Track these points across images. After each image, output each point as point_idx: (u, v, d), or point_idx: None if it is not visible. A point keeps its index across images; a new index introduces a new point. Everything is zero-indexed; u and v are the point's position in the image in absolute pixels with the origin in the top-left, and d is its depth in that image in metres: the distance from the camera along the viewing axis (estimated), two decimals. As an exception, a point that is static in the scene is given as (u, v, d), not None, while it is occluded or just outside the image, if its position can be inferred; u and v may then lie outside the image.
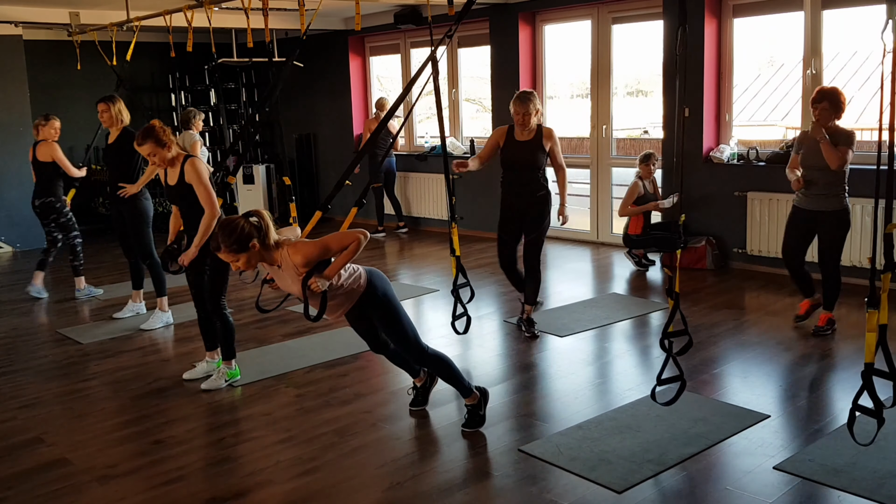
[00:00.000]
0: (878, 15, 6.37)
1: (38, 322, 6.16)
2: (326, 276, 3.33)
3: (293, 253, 3.32)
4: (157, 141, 4.33)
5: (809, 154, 5.02)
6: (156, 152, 4.34)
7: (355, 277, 3.55)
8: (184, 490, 3.36)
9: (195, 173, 4.37)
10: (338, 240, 3.35)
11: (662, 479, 3.30)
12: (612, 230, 8.31)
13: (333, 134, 10.70)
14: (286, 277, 3.42)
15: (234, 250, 3.27)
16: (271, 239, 3.34)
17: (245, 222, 3.28)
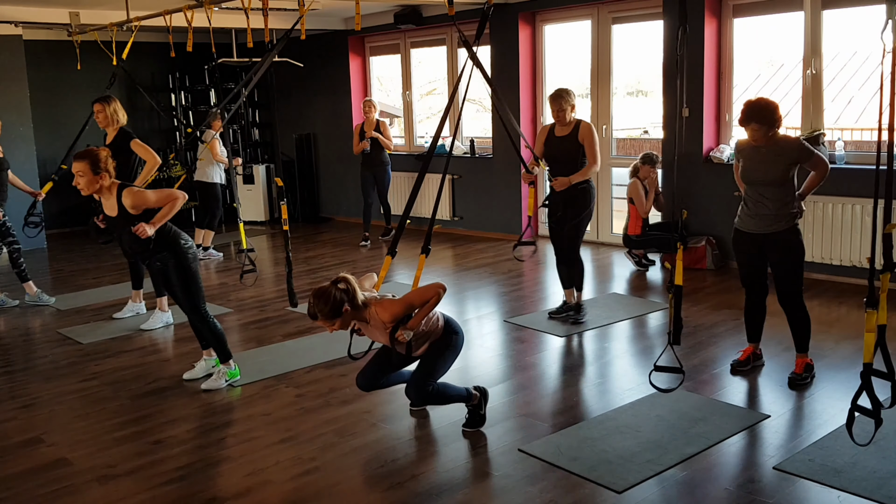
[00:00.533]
0: (878, 15, 6.37)
1: (38, 322, 6.16)
2: (411, 327, 3.63)
3: (380, 311, 3.60)
4: (94, 165, 4.22)
5: (751, 167, 4.23)
6: (85, 174, 4.21)
7: (432, 321, 3.81)
8: (184, 490, 3.36)
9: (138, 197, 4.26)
10: (419, 296, 3.64)
11: (663, 479, 3.30)
12: (612, 230, 8.31)
13: (333, 134, 10.69)
14: (374, 331, 3.72)
15: (329, 317, 3.52)
16: (359, 300, 3.59)
17: (335, 290, 3.53)
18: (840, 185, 6.32)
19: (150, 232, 4.18)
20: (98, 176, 4.23)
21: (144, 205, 4.23)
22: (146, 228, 4.17)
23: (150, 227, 4.18)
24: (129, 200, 4.20)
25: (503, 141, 8.73)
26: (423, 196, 9.60)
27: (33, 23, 8.19)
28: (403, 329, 3.60)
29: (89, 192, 4.27)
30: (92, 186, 4.24)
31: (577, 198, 5.37)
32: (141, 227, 4.17)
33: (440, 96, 11.01)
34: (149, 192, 4.27)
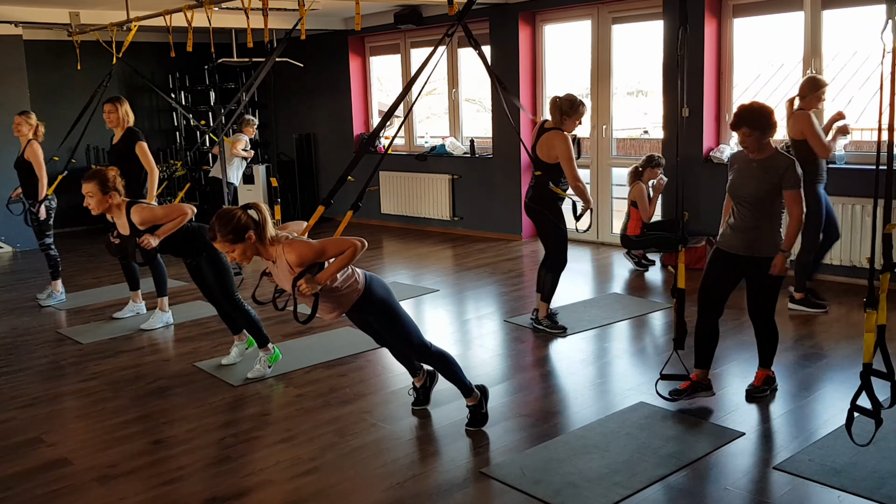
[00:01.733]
0: (878, 15, 6.37)
1: (38, 322, 6.16)
2: (318, 279, 3.33)
3: (288, 251, 3.32)
4: (102, 186, 4.35)
5: (740, 182, 3.94)
6: (94, 194, 4.35)
7: (351, 282, 3.53)
8: (184, 490, 3.36)
9: (146, 213, 4.42)
10: (335, 244, 3.35)
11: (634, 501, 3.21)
12: (612, 230, 8.31)
13: (333, 134, 10.70)
14: (281, 274, 3.44)
15: (229, 240, 3.30)
16: (268, 233, 3.35)
17: (243, 214, 3.32)
18: (840, 185, 6.31)
19: (155, 243, 4.37)
20: (107, 196, 4.37)
21: (153, 220, 4.41)
22: (150, 240, 4.36)
23: (155, 239, 4.38)
24: (138, 217, 4.37)
25: (503, 141, 8.74)
26: (423, 196, 9.60)
27: (33, 23, 8.19)
28: (309, 279, 3.29)
29: (99, 211, 4.41)
30: (102, 206, 4.39)
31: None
32: (145, 240, 4.36)
33: (440, 96, 11.01)
34: (157, 208, 4.44)
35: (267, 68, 5.23)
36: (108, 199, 4.37)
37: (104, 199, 4.36)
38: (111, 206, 4.41)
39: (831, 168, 6.43)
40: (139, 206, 4.43)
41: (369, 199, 10.26)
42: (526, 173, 8.70)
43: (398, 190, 9.78)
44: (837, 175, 6.36)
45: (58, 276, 6.64)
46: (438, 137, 9.78)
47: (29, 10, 7.92)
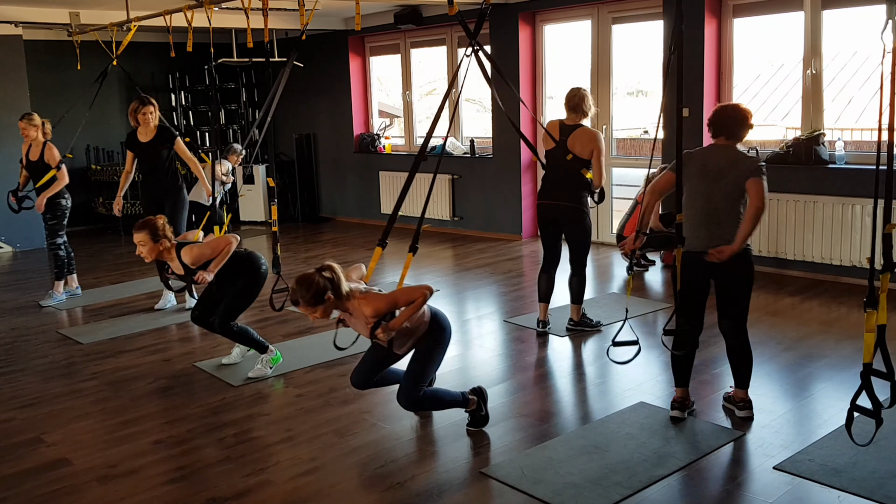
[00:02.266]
0: (878, 15, 6.37)
1: (38, 322, 6.16)
2: (392, 327, 3.57)
3: (364, 305, 3.55)
4: (153, 234, 4.47)
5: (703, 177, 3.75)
6: (146, 243, 4.46)
7: (419, 318, 3.72)
8: (184, 490, 3.36)
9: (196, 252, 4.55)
10: (405, 295, 3.59)
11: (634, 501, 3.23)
12: (611, 230, 8.31)
13: (333, 134, 10.70)
14: (357, 323, 3.66)
15: (311, 304, 3.49)
16: (343, 291, 3.53)
17: (319, 277, 3.49)
18: (840, 185, 6.32)
19: (209, 278, 4.55)
20: (158, 243, 4.49)
21: (203, 258, 4.55)
22: (205, 276, 4.54)
23: (209, 275, 4.54)
24: (189, 258, 4.53)
25: (503, 141, 8.74)
26: (421, 196, 9.61)
27: (33, 23, 8.19)
28: (384, 327, 3.55)
29: (152, 259, 4.54)
30: (153, 253, 4.51)
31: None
32: (201, 276, 4.54)
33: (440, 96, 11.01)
34: (204, 246, 4.58)
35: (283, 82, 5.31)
36: (160, 246, 4.50)
37: (155, 248, 4.49)
38: (163, 251, 4.53)
39: (832, 168, 6.45)
40: (188, 247, 4.56)
41: (370, 199, 10.26)
42: (526, 173, 8.71)
43: (398, 190, 9.78)
44: (837, 175, 6.36)
45: (62, 276, 6.64)
46: (438, 137, 9.77)
47: (29, 10, 7.92)
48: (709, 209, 3.73)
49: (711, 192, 3.72)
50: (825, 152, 6.48)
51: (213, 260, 4.58)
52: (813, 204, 6.39)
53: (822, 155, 6.44)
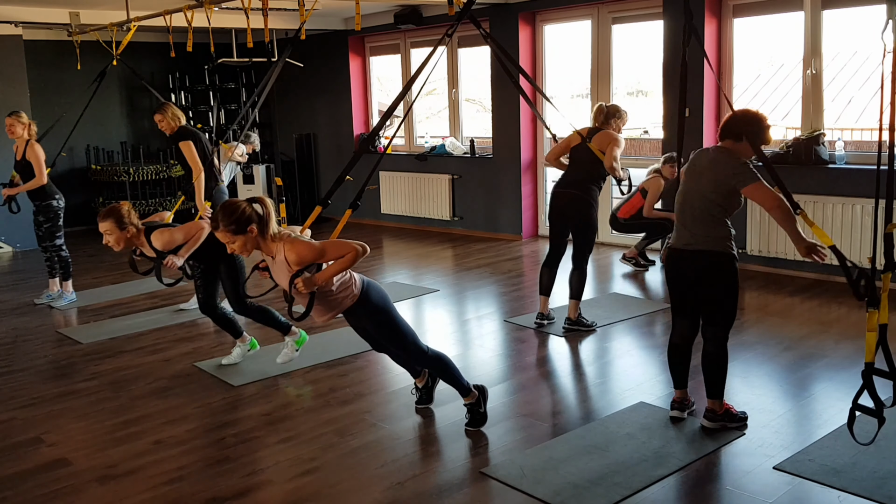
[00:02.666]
0: (878, 15, 6.37)
1: (38, 322, 6.16)
2: (315, 280, 3.37)
3: (289, 249, 3.37)
4: (119, 222, 4.41)
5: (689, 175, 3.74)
6: (112, 231, 4.41)
7: (348, 286, 3.55)
8: (184, 490, 3.36)
9: (166, 236, 4.50)
10: (336, 247, 3.39)
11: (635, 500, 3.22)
12: (611, 230, 8.30)
13: (333, 134, 10.70)
14: (278, 270, 3.48)
15: (231, 231, 3.36)
16: (270, 229, 3.39)
17: (248, 206, 3.37)
18: (840, 185, 6.32)
19: (179, 263, 4.50)
20: (125, 231, 4.44)
21: (174, 243, 4.51)
22: (175, 261, 4.50)
23: (179, 259, 4.51)
24: (159, 243, 4.48)
25: (503, 141, 8.74)
26: (423, 196, 9.61)
27: (33, 23, 8.19)
28: (306, 278, 3.34)
29: (121, 247, 4.48)
30: (122, 242, 4.46)
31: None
32: (170, 261, 4.49)
33: (440, 96, 11.01)
34: (175, 230, 4.53)
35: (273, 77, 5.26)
36: (127, 233, 4.46)
37: (122, 235, 4.44)
38: (132, 238, 4.51)
39: (832, 168, 6.45)
40: (159, 231, 4.51)
41: (369, 199, 10.26)
42: (526, 173, 8.71)
43: (398, 190, 9.78)
44: (837, 175, 6.36)
45: (69, 276, 6.63)
46: (438, 137, 9.78)
47: (29, 10, 7.92)
48: (685, 207, 3.71)
49: (690, 191, 3.70)
50: (825, 152, 6.48)
51: (184, 245, 4.53)
52: (813, 204, 6.39)
53: (822, 155, 6.44)
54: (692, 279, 3.70)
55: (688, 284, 3.74)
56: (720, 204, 3.60)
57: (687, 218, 3.68)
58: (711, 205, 3.60)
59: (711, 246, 3.60)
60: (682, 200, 3.73)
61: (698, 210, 3.64)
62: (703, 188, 3.64)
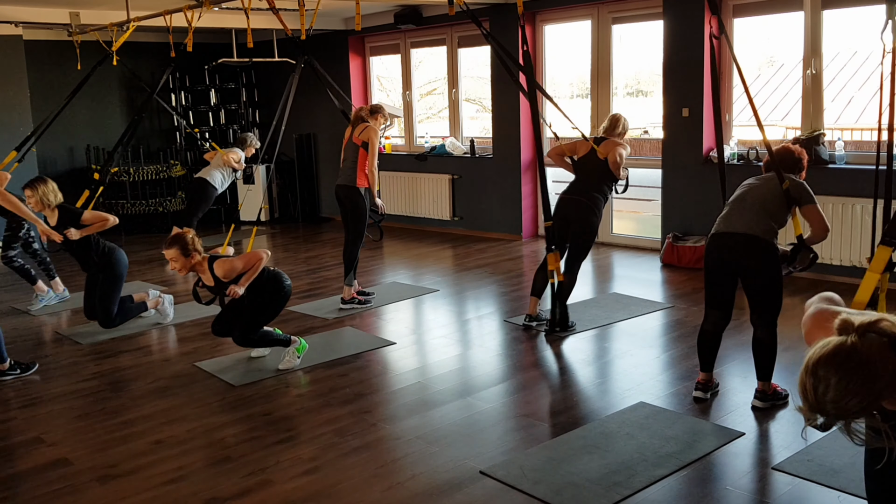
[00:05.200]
0: (878, 15, 6.37)
1: (38, 322, 6.16)
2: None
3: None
4: (184, 250, 4.58)
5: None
6: (178, 259, 4.58)
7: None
8: (184, 490, 3.36)
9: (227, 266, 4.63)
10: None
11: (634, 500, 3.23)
12: (612, 230, 8.31)
13: (333, 134, 10.69)
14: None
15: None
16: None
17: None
18: (840, 185, 6.32)
19: (241, 292, 4.63)
20: (189, 258, 4.59)
21: (234, 272, 4.64)
22: (237, 290, 4.62)
23: (240, 288, 4.63)
24: (221, 272, 4.63)
25: (503, 141, 8.74)
26: (423, 196, 9.61)
27: (33, 23, 8.18)
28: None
29: (185, 273, 4.66)
30: (187, 268, 4.62)
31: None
32: (232, 290, 4.62)
33: (440, 96, 11.01)
34: (236, 260, 4.68)
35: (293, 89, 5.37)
36: (191, 260, 4.58)
37: (187, 262, 4.58)
38: (195, 265, 4.62)
39: (832, 168, 6.45)
40: (220, 261, 4.64)
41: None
42: (526, 173, 8.71)
43: (398, 190, 9.78)
44: (837, 175, 6.36)
45: (53, 275, 6.63)
46: (438, 137, 9.78)
47: (29, 10, 7.91)
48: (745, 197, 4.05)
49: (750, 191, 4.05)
50: (825, 152, 6.48)
51: (245, 274, 4.65)
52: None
53: (822, 155, 6.44)
54: (735, 266, 3.95)
55: (728, 273, 3.99)
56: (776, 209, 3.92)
57: (745, 206, 3.93)
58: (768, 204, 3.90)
59: (762, 234, 3.86)
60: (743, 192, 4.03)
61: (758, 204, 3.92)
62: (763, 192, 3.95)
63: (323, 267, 7.79)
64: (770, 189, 3.96)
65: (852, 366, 1.57)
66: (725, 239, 3.95)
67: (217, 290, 4.74)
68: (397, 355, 5.08)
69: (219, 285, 4.68)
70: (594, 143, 5.33)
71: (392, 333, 5.54)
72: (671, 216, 7.46)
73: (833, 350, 1.61)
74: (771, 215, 3.92)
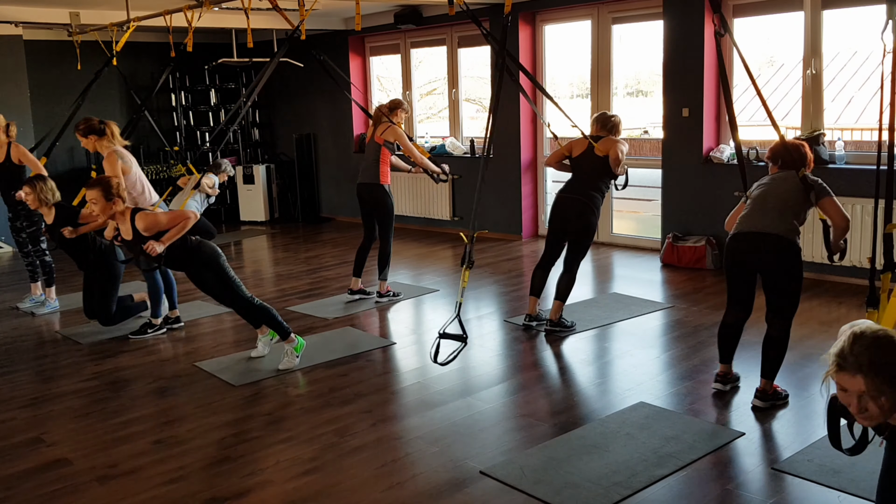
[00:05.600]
0: (878, 15, 6.37)
1: (38, 322, 6.16)
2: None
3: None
4: (106, 192, 4.50)
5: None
6: (98, 201, 4.49)
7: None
8: (184, 490, 3.36)
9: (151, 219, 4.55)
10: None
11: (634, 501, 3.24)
12: (612, 230, 8.31)
13: (333, 134, 10.70)
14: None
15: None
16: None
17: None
18: (840, 185, 6.31)
19: (160, 249, 4.49)
20: (111, 202, 4.51)
21: (157, 227, 4.53)
22: (155, 246, 4.49)
23: (160, 245, 4.50)
24: (142, 224, 4.51)
25: (503, 141, 8.73)
26: (423, 196, 9.61)
27: (33, 23, 8.18)
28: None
29: (104, 217, 4.57)
30: (106, 212, 4.53)
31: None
32: (150, 245, 4.49)
33: (440, 96, 11.01)
34: (160, 215, 4.57)
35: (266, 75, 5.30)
36: (112, 206, 4.50)
37: (108, 206, 4.50)
38: (115, 213, 4.54)
39: (832, 168, 6.44)
40: (144, 212, 4.55)
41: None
42: (526, 173, 8.71)
43: (398, 190, 9.77)
44: (837, 175, 6.36)
45: (52, 282, 6.55)
46: (438, 137, 9.78)
47: (29, 10, 7.91)
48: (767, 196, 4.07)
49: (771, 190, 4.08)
50: (825, 152, 6.48)
51: (167, 232, 4.53)
52: (813, 204, 6.38)
53: (822, 155, 6.44)
54: (757, 265, 3.98)
55: (750, 271, 4.03)
56: (798, 207, 3.96)
57: (767, 206, 3.97)
58: (790, 202, 3.96)
59: (785, 233, 3.89)
60: (763, 191, 4.06)
61: (780, 203, 3.96)
62: (783, 190, 3.99)
63: (323, 267, 7.79)
64: (790, 187, 3.99)
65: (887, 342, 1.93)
66: (749, 238, 3.99)
67: (134, 246, 4.59)
68: (397, 355, 5.08)
69: (136, 239, 4.53)
70: (592, 141, 5.32)
71: (392, 333, 5.54)
72: (671, 216, 7.46)
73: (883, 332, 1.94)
74: (794, 214, 3.97)
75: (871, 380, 1.91)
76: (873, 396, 1.94)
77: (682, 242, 7.21)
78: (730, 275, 4.13)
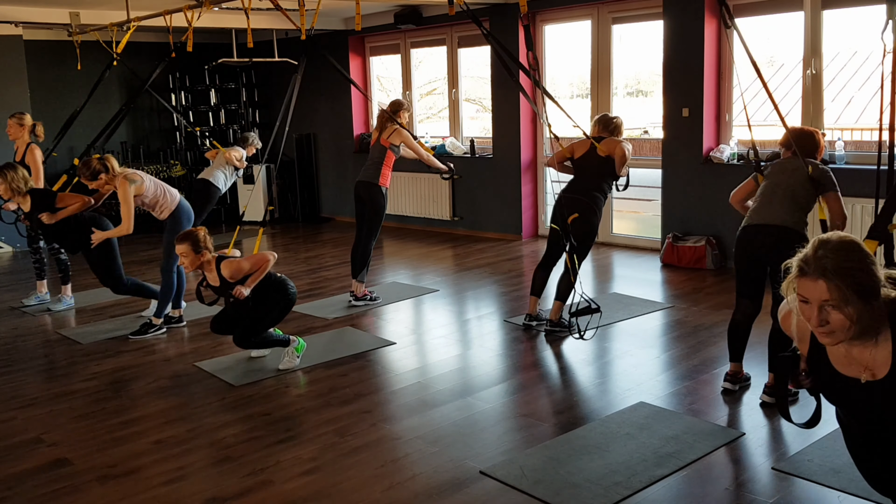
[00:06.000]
0: (878, 15, 6.37)
1: (38, 322, 6.16)
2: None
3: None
4: (195, 246, 4.61)
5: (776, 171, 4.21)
6: (188, 254, 4.60)
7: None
8: (184, 490, 3.36)
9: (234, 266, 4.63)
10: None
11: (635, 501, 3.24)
12: (612, 230, 8.31)
13: (333, 134, 10.70)
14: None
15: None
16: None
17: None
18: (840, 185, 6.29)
19: (246, 293, 4.64)
20: (199, 255, 4.62)
21: (241, 273, 4.66)
22: (243, 291, 4.63)
23: (246, 289, 4.65)
24: (227, 272, 4.64)
25: (503, 141, 8.74)
26: (422, 196, 9.61)
27: (33, 23, 8.19)
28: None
29: (193, 269, 4.68)
30: (195, 265, 4.65)
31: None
32: (238, 291, 4.62)
33: (440, 96, 11.01)
34: (243, 261, 4.69)
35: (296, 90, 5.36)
36: (201, 258, 4.61)
37: (197, 258, 4.61)
38: (203, 262, 4.65)
39: (832, 168, 6.43)
40: (227, 261, 4.67)
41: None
42: (526, 173, 8.71)
43: (398, 190, 9.78)
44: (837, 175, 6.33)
45: (68, 280, 6.56)
46: (438, 137, 9.78)
47: (29, 10, 7.92)
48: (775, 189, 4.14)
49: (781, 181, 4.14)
50: (825, 152, 6.47)
51: (251, 275, 4.65)
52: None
53: (822, 155, 6.44)
54: (766, 258, 4.00)
55: (758, 262, 4.06)
56: (806, 199, 4.03)
57: (776, 198, 4.03)
58: (798, 195, 4.01)
59: (794, 225, 3.95)
60: (772, 182, 4.12)
61: (789, 195, 4.01)
62: (792, 183, 4.04)
63: (323, 267, 7.79)
64: (798, 180, 4.04)
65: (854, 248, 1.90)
66: (758, 230, 4.03)
67: (222, 291, 4.74)
68: (397, 355, 5.08)
69: (224, 286, 4.68)
70: (594, 141, 5.31)
71: (392, 333, 5.54)
72: (671, 216, 7.46)
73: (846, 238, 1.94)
74: (802, 207, 4.03)
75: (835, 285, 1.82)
76: (837, 305, 1.85)
77: (682, 242, 7.21)
78: (739, 268, 4.17)
